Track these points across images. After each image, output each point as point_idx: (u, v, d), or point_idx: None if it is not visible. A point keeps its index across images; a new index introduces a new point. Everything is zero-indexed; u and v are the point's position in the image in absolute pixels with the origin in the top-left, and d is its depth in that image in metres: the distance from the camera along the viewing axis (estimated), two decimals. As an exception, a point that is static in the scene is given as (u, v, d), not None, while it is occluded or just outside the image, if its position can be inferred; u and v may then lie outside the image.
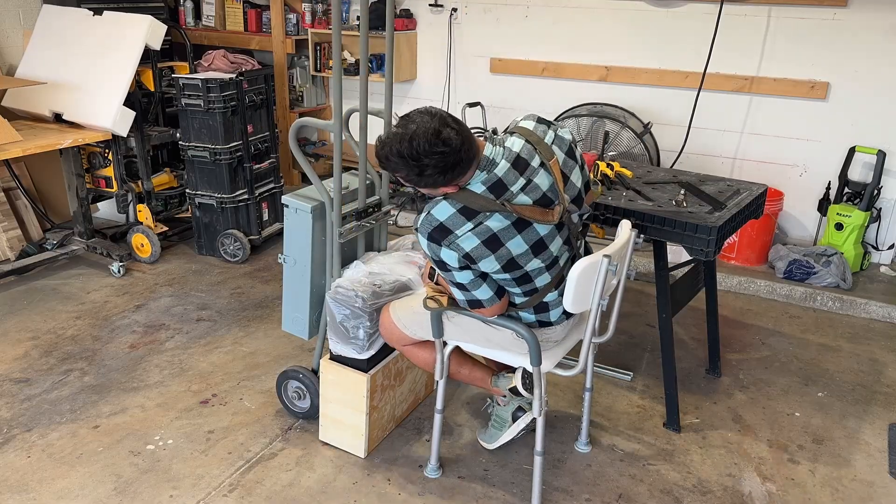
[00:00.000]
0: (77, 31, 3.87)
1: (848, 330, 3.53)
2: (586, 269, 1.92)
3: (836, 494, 2.37)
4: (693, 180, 2.86)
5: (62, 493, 2.27)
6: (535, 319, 2.08)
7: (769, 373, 3.09)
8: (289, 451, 2.49)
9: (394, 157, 1.78)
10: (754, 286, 3.90)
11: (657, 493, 2.34)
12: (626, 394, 2.90)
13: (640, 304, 3.70)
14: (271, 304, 3.55)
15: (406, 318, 2.23)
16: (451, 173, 1.79)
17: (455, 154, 1.75)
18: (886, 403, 2.89)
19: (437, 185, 1.82)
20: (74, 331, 3.27)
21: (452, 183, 1.82)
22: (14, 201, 4.10)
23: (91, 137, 3.66)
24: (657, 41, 4.27)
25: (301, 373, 2.58)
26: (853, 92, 3.91)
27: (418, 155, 1.74)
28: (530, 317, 2.08)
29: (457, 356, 2.31)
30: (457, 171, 1.79)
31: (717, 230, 2.35)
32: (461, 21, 4.80)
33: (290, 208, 2.40)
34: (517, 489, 2.34)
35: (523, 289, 2.00)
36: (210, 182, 3.96)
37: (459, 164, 1.78)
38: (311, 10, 5.03)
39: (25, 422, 2.61)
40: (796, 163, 4.16)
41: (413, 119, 1.78)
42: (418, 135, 1.74)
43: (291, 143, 2.33)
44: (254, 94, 4.02)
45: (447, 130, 1.75)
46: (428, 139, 1.73)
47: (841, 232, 3.93)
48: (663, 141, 4.28)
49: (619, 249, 2.05)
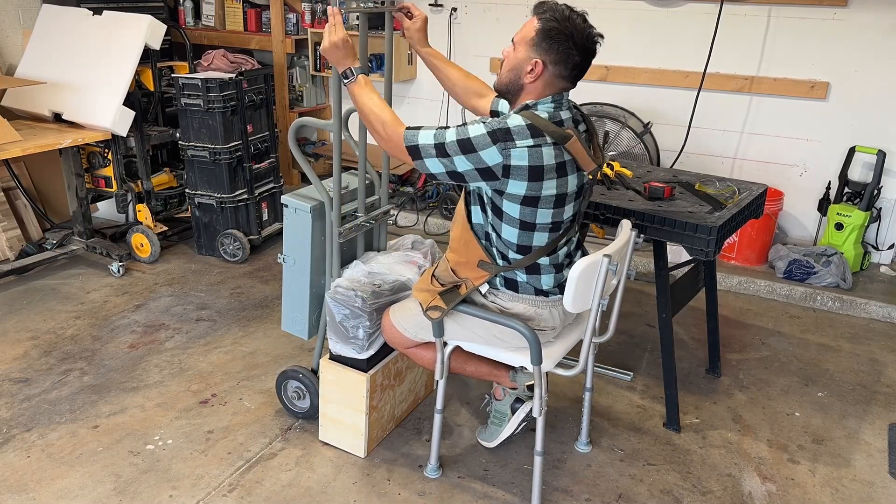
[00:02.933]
0: (77, 31, 3.87)
1: (848, 330, 3.53)
2: (586, 268, 1.92)
3: (836, 494, 2.37)
4: (692, 180, 2.86)
5: (62, 493, 2.27)
6: (528, 281, 2.07)
7: (769, 373, 3.09)
8: (288, 451, 2.49)
9: (562, 8, 1.91)
10: (754, 286, 3.90)
11: (657, 493, 2.34)
12: (626, 394, 2.90)
13: (640, 304, 3.70)
14: (271, 304, 3.55)
15: (406, 321, 2.23)
16: (564, 53, 1.89)
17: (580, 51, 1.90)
18: (886, 403, 2.89)
19: (543, 48, 1.90)
20: (74, 331, 3.27)
21: (549, 61, 1.90)
22: (14, 201, 4.10)
23: (91, 137, 3.66)
24: (657, 41, 4.27)
25: (301, 373, 2.58)
26: (853, 92, 3.91)
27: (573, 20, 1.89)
28: (523, 276, 2.07)
29: (461, 352, 2.31)
30: (564, 57, 1.89)
31: (717, 230, 2.35)
32: (461, 21, 4.80)
33: (290, 208, 2.39)
34: (517, 489, 2.33)
35: (520, 240, 2.00)
36: (210, 182, 3.96)
37: (569, 59, 1.90)
38: (310, 9, 5.03)
39: (25, 422, 2.61)
40: (796, 163, 4.16)
41: None
42: (591, 26, 1.92)
43: (291, 142, 2.33)
44: (253, 94, 4.01)
45: (597, 43, 1.94)
46: (590, 29, 1.91)
47: (841, 232, 3.93)
48: (663, 141, 4.28)
49: (619, 249, 2.05)
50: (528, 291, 2.09)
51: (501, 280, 2.10)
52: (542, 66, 1.91)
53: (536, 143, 1.87)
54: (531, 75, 1.93)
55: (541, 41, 1.91)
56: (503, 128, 1.87)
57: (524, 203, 1.93)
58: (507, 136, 1.86)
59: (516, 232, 1.99)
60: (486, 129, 1.87)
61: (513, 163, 1.86)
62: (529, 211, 1.95)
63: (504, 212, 1.98)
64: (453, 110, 4.96)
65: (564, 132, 1.90)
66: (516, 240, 2.00)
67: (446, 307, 2.08)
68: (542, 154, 1.87)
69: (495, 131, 1.86)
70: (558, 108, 1.96)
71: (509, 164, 1.87)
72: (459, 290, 2.10)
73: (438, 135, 1.91)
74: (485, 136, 1.86)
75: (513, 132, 1.86)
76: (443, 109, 5.01)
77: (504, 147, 1.86)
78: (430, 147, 1.91)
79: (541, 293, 2.09)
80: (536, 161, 1.87)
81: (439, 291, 2.11)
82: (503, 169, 1.88)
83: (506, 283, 2.10)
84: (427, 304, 2.11)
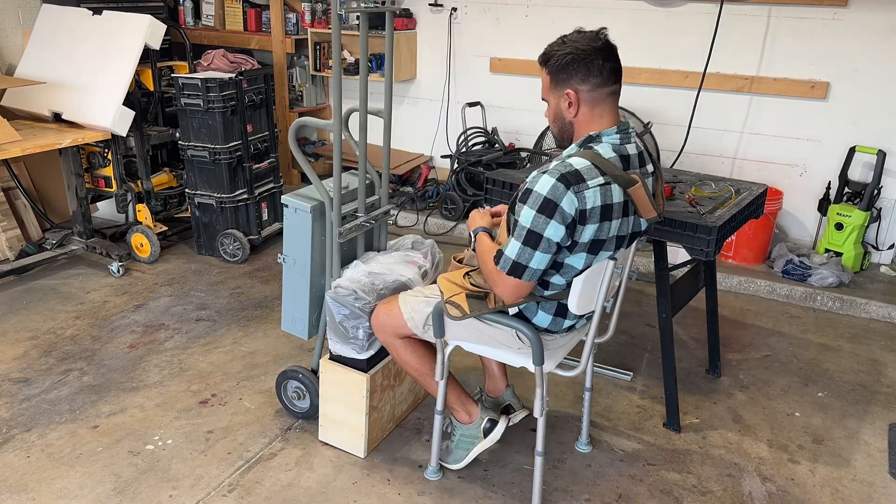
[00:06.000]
0: (76, 31, 3.87)
1: (848, 330, 3.52)
2: (591, 271, 1.92)
3: (836, 494, 2.37)
4: (692, 180, 2.86)
5: (61, 493, 2.26)
6: (547, 325, 2.04)
7: (769, 373, 3.09)
8: (288, 452, 2.48)
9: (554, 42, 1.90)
10: (754, 286, 3.90)
11: (657, 493, 2.34)
12: (626, 394, 2.90)
13: (640, 304, 3.70)
14: (271, 304, 3.55)
15: (417, 312, 2.17)
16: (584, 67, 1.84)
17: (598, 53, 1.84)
18: (886, 403, 2.89)
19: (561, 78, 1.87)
20: (74, 331, 3.26)
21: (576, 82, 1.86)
22: (13, 201, 4.10)
23: (90, 137, 3.66)
24: (657, 41, 4.27)
25: (301, 373, 2.58)
26: (853, 92, 3.91)
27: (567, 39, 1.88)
28: (546, 318, 2.04)
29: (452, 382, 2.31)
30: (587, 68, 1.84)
31: (717, 230, 2.35)
32: (461, 20, 4.79)
33: (290, 208, 2.39)
34: (517, 489, 2.33)
35: (566, 278, 1.95)
36: (209, 182, 3.96)
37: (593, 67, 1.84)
38: (310, 9, 5.03)
39: (24, 422, 2.61)
40: (796, 163, 4.16)
41: None
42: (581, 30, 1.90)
43: (291, 142, 2.33)
44: (253, 94, 4.01)
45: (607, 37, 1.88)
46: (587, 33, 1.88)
47: (841, 232, 3.93)
48: (663, 141, 4.28)
49: (623, 252, 2.05)
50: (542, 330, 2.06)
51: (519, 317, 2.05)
52: (573, 92, 1.87)
53: (606, 181, 1.81)
54: (572, 109, 1.89)
55: (558, 76, 1.88)
56: (571, 171, 1.78)
57: (591, 250, 1.87)
58: (579, 179, 1.77)
59: (563, 279, 1.95)
60: (555, 176, 1.78)
61: (588, 205, 1.78)
62: (593, 258, 1.90)
63: (566, 264, 1.91)
64: (453, 110, 4.96)
65: (629, 177, 1.83)
66: (564, 282, 1.96)
67: (469, 312, 2.03)
68: (612, 192, 1.82)
69: (564, 175, 1.77)
70: (625, 141, 1.88)
71: (585, 207, 1.78)
72: (487, 300, 2.05)
73: (517, 235, 1.84)
74: (557, 185, 1.76)
75: (582, 173, 1.78)
76: (442, 109, 5.01)
77: (577, 190, 1.77)
78: (519, 250, 1.83)
79: (551, 332, 2.08)
80: (608, 199, 1.81)
81: (468, 293, 2.07)
82: (580, 214, 1.79)
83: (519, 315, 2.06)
84: (449, 297, 2.07)
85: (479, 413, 2.33)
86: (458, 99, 4.90)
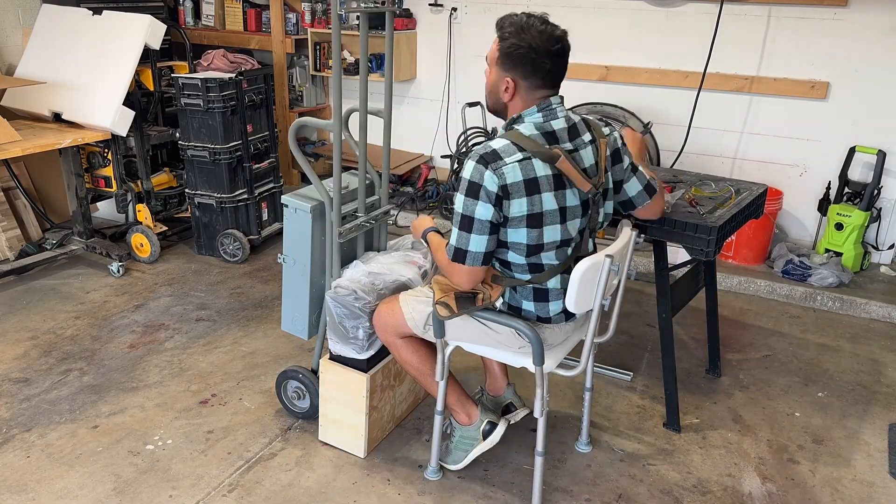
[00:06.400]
0: (76, 31, 3.87)
1: (848, 330, 3.52)
2: (589, 269, 1.92)
3: (836, 494, 2.37)
4: (692, 180, 2.86)
5: (61, 493, 2.26)
6: (534, 310, 2.07)
7: (769, 373, 3.09)
8: (288, 452, 2.48)
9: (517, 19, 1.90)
10: (754, 286, 3.90)
11: (657, 493, 2.34)
12: (626, 394, 2.89)
13: (640, 304, 3.70)
14: (271, 304, 3.55)
15: (418, 312, 2.18)
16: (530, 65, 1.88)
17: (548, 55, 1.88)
18: (886, 403, 2.89)
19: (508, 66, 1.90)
20: (74, 331, 3.26)
21: (518, 77, 1.90)
22: (13, 201, 4.10)
23: (90, 137, 3.66)
24: (657, 41, 4.27)
25: (301, 373, 2.58)
26: (853, 92, 3.91)
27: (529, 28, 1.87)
28: (530, 305, 2.07)
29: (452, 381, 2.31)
30: (533, 68, 1.88)
31: (717, 230, 2.35)
32: (461, 20, 4.79)
33: (290, 208, 2.39)
34: (517, 489, 2.33)
35: (530, 260, 1.98)
36: (209, 182, 3.96)
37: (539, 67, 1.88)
38: (310, 9, 5.03)
39: (24, 422, 2.61)
40: (796, 163, 4.16)
41: None
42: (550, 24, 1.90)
43: (291, 142, 2.33)
44: (253, 94, 4.01)
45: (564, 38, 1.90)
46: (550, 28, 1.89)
47: (841, 232, 3.93)
48: (663, 141, 4.28)
49: (620, 249, 2.05)
50: (531, 318, 2.08)
51: (504, 305, 2.09)
52: (513, 83, 1.92)
53: (526, 157, 1.87)
54: (507, 94, 1.94)
55: (505, 60, 1.91)
56: (489, 151, 1.88)
57: (529, 224, 1.91)
58: (496, 157, 1.86)
59: (523, 258, 1.99)
60: (475, 159, 1.88)
61: (508, 181, 1.86)
62: (536, 233, 1.93)
63: (509, 242, 1.96)
64: (453, 110, 4.96)
65: (550, 152, 1.88)
66: (525, 261, 1.99)
67: (456, 311, 2.05)
68: (535, 165, 1.87)
69: (482, 157, 1.87)
70: (548, 118, 1.94)
71: (506, 182, 1.86)
72: (476, 299, 2.07)
73: (455, 222, 1.94)
74: (476, 167, 1.87)
75: (499, 152, 1.87)
76: (442, 109, 5.01)
77: (496, 168, 1.86)
78: (457, 236, 1.93)
79: (543, 320, 2.09)
80: (529, 174, 1.87)
81: (457, 293, 2.08)
82: (502, 190, 1.87)
83: (509, 308, 2.09)
84: (439, 297, 2.09)
85: (478, 415, 2.33)
86: (458, 99, 4.90)
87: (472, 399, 2.38)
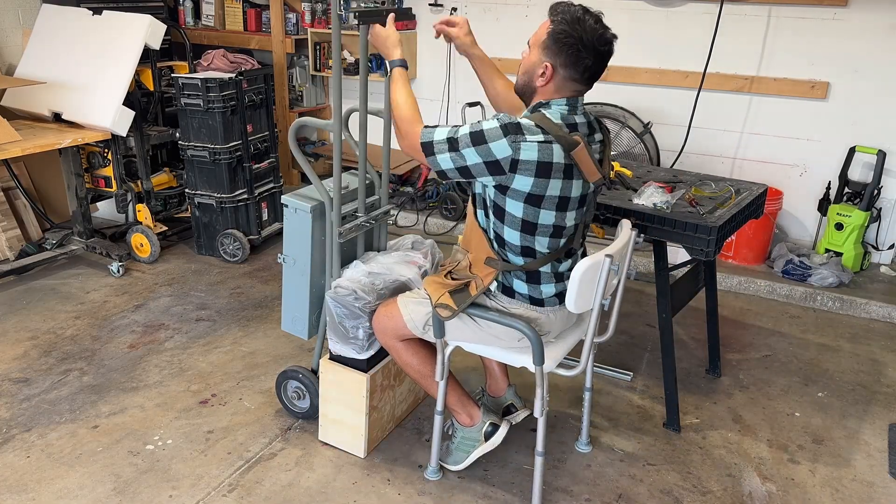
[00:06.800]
0: (76, 31, 3.87)
1: (848, 330, 3.52)
2: (588, 269, 1.92)
3: (836, 494, 2.37)
4: (692, 180, 2.86)
5: (61, 493, 2.26)
6: (526, 291, 2.07)
7: (769, 373, 3.09)
8: (288, 452, 2.48)
9: (575, 10, 1.90)
10: (754, 286, 3.90)
11: (657, 493, 2.34)
12: (626, 394, 2.89)
13: (640, 304, 3.70)
14: (271, 304, 3.55)
15: (417, 314, 2.18)
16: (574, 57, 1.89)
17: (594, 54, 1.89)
18: (886, 403, 2.89)
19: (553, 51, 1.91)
20: (74, 331, 3.26)
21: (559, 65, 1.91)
22: (13, 201, 4.10)
23: (90, 137, 3.66)
24: (657, 41, 4.26)
25: (300, 373, 2.58)
26: (853, 92, 3.91)
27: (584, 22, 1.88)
28: (522, 286, 2.07)
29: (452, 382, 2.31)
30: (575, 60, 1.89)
31: (717, 230, 2.35)
32: (461, 21, 4.79)
33: (290, 208, 2.39)
34: (517, 489, 2.33)
35: (524, 242, 2.00)
36: (209, 182, 3.96)
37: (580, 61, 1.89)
38: (310, 9, 5.03)
39: (24, 422, 2.61)
40: (796, 163, 4.16)
41: None
42: (606, 27, 1.91)
43: (291, 142, 2.33)
44: (253, 94, 4.01)
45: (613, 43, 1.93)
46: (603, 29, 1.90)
47: (841, 232, 3.93)
48: (663, 141, 4.28)
49: (619, 249, 2.05)
50: (524, 300, 2.09)
51: (499, 286, 2.09)
52: (552, 69, 1.92)
53: (547, 140, 1.88)
54: (542, 78, 1.94)
55: (551, 44, 1.91)
56: (514, 122, 1.89)
57: (528, 201, 1.93)
58: (518, 130, 1.87)
59: (518, 234, 1.99)
60: (499, 122, 1.89)
61: (522, 157, 1.87)
62: (532, 211, 1.94)
63: (507, 211, 1.97)
64: (453, 110, 4.96)
65: (572, 139, 1.90)
66: (518, 241, 2.00)
67: (456, 308, 2.06)
68: (553, 151, 1.88)
69: (507, 125, 1.88)
70: (572, 112, 1.96)
71: (518, 158, 1.87)
72: (469, 288, 2.09)
73: (452, 131, 1.94)
74: (497, 129, 1.88)
75: (523, 127, 1.88)
76: (443, 109, 5.01)
77: (514, 140, 1.87)
78: (443, 142, 1.94)
79: (536, 302, 2.09)
80: (546, 157, 1.88)
81: (450, 289, 2.09)
82: (511, 163, 1.88)
83: (503, 289, 2.10)
84: (437, 300, 2.09)
85: (480, 416, 2.33)
86: (458, 99, 4.90)
87: (474, 400, 2.38)
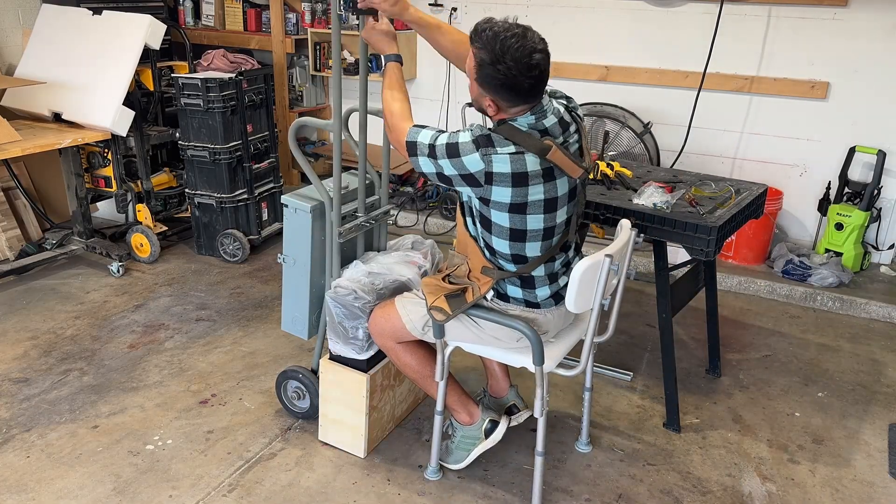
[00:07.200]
0: (76, 31, 3.86)
1: (848, 330, 3.52)
2: (588, 269, 1.92)
3: (836, 494, 2.37)
4: (692, 180, 2.86)
5: (61, 493, 2.26)
6: (521, 295, 2.07)
7: (769, 373, 3.09)
8: (288, 452, 2.48)
9: (491, 35, 1.83)
10: (754, 286, 3.90)
11: (657, 493, 2.34)
12: (626, 394, 2.89)
13: (640, 304, 3.70)
14: (271, 304, 3.55)
15: (415, 315, 2.18)
16: (509, 91, 1.86)
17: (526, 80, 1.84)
18: (886, 403, 2.89)
19: (488, 89, 1.88)
20: (73, 331, 3.26)
21: (499, 100, 1.89)
22: (13, 201, 4.10)
23: (90, 137, 3.66)
24: (657, 41, 4.26)
25: (300, 373, 2.58)
26: (853, 92, 3.91)
27: (504, 53, 1.81)
28: (517, 291, 2.07)
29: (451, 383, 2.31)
30: (513, 93, 1.87)
31: (717, 230, 2.35)
32: (461, 20, 4.79)
33: (290, 208, 2.39)
34: (517, 489, 2.33)
35: (514, 251, 1.99)
36: (209, 182, 3.96)
37: (519, 92, 1.86)
38: (310, 9, 5.03)
39: (24, 422, 2.61)
40: (796, 163, 4.16)
41: (530, 30, 1.87)
42: (526, 39, 1.82)
43: (291, 142, 2.33)
44: (253, 94, 4.01)
45: (542, 59, 1.84)
46: (526, 50, 1.81)
47: (841, 232, 3.93)
48: (663, 141, 4.28)
49: (619, 249, 2.05)
50: (519, 304, 2.09)
51: (493, 293, 2.10)
52: (495, 105, 1.92)
53: (519, 150, 1.87)
54: (491, 110, 1.94)
55: (483, 82, 1.89)
56: (485, 134, 1.88)
57: (512, 210, 1.92)
58: (489, 143, 1.87)
59: (507, 243, 1.99)
60: (471, 136, 1.89)
61: (495, 169, 1.86)
62: (519, 219, 1.94)
63: (493, 222, 1.97)
64: (453, 110, 4.96)
65: (543, 144, 1.88)
66: (508, 250, 2.00)
67: (451, 312, 2.06)
68: (526, 161, 1.87)
69: (478, 138, 1.88)
70: (540, 118, 1.93)
71: (491, 171, 1.87)
72: (466, 294, 2.09)
73: (433, 136, 1.94)
74: (469, 143, 1.88)
75: (493, 140, 1.87)
76: (443, 109, 5.01)
77: (485, 153, 1.86)
78: (424, 146, 1.94)
79: (532, 305, 2.09)
80: (519, 168, 1.87)
81: (445, 293, 2.09)
82: (486, 176, 1.88)
83: (498, 295, 2.10)
84: (432, 303, 2.09)
85: (480, 414, 2.33)
86: (458, 99, 4.90)
87: (473, 398, 2.38)
